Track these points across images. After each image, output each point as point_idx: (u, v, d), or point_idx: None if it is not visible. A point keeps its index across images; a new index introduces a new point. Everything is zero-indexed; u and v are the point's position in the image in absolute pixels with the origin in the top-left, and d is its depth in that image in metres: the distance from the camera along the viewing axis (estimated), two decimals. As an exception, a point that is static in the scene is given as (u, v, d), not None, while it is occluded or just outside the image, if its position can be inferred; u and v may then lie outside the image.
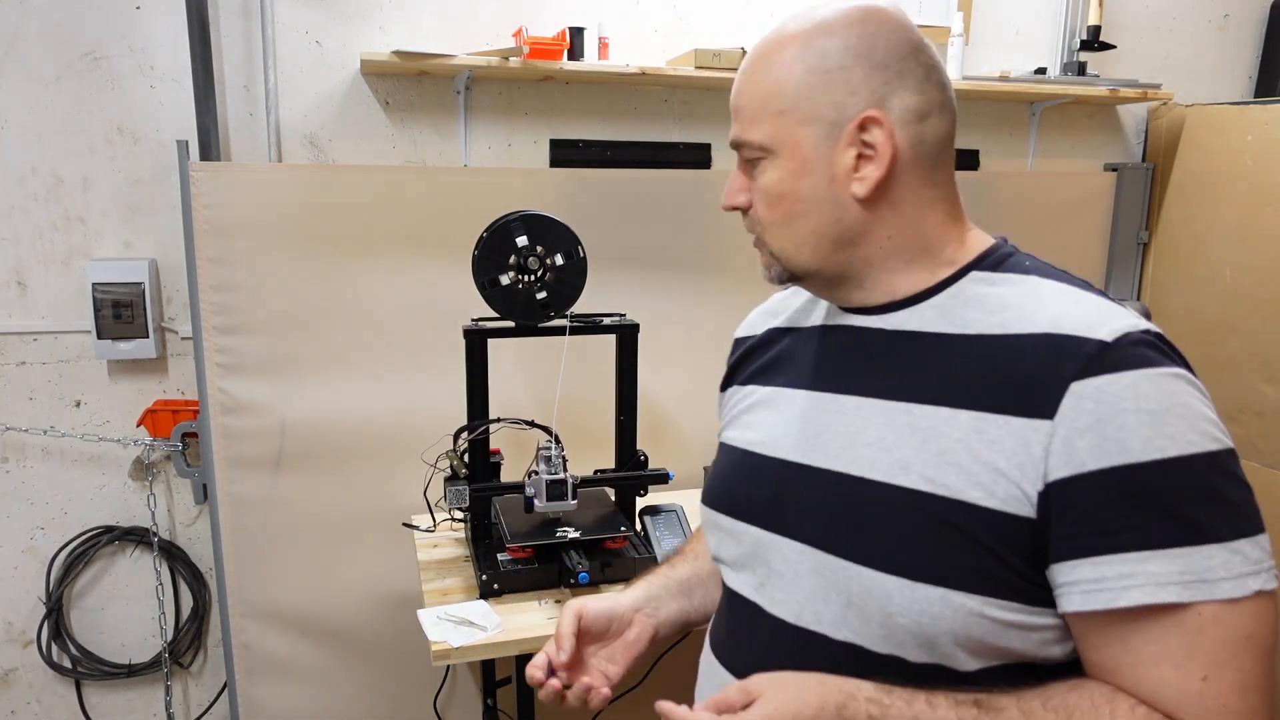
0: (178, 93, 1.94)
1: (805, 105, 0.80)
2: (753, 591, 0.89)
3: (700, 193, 2.22)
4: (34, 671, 2.09)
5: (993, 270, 0.83)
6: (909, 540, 0.76)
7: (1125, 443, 0.69)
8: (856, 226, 0.82)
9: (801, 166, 0.81)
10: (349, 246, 1.99)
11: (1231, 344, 2.41)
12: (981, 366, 0.77)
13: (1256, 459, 2.35)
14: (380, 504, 2.05)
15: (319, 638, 2.10)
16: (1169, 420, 0.69)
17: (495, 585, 1.60)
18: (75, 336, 1.98)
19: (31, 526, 2.04)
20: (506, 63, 1.93)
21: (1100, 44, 2.48)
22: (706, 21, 2.25)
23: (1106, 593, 0.69)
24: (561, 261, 1.66)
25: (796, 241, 0.84)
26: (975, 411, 0.76)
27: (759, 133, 0.83)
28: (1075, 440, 0.70)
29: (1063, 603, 0.72)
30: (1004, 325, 0.78)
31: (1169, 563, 0.67)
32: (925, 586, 0.74)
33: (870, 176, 0.80)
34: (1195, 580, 0.67)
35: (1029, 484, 0.72)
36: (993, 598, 0.73)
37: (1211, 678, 0.68)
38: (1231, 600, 0.67)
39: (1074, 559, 0.70)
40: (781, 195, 0.83)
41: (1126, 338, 0.72)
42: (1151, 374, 0.71)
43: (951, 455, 0.76)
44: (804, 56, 0.80)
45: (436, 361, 2.04)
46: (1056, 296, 0.78)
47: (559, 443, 1.65)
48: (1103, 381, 0.70)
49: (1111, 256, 2.68)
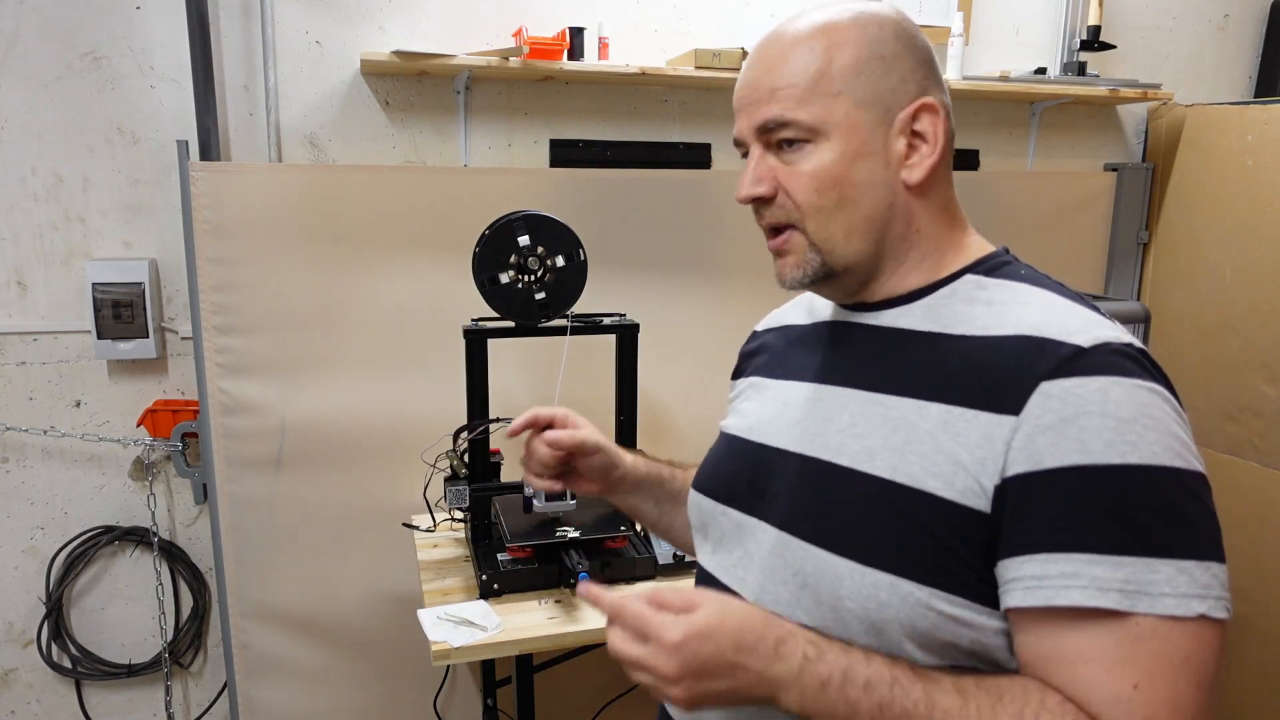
0: (178, 93, 1.94)
1: (863, 88, 0.80)
2: (724, 572, 0.91)
3: (700, 193, 2.22)
4: (34, 671, 2.09)
5: (987, 275, 0.84)
6: (865, 525, 0.77)
7: (1086, 444, 0.68)
8: (901, 215, 0.83)
9: (858, 149, 0.80)
10: (349, 246, 1.99)
11: (1231, 344, 2.41)
12: (958, 363, 0.78)
13: (1256, 459, 2.35)
14: (380, 504, 2.05)
15: (319, 638, 2.10)
16: (1135, 429, 0.68)
17: (495, 585, 1.60)
18: (75, 336, 1.98)
19: (31, 526, 2.04)
20: (506, 63, 1.93)
21: (1100, 44, 2.48)
22: (706, 21, 2.25)
23: (1047, 590, 0.68)
24: (562, 263, 1.66)
25: (847, 228, 0.82)
26: (945, 405, 0.76)
27: (808, 113, 0.80)
28: (1037, 437, 0.70)
29: (1005, 599, 0.72)
30: (986, 327, 0.79)
31: (1114, 569, 0.67)
32: (875, 572, 0.75)
33: (924, 164, 0.82)
34: (1137, 591, 0.66)
35: (987, 478, 0.72)
36: (941, 590, 0.73)
37: (1144, 687, 0.66)
38: (1172, 618, 0.66)
39: (1021, 555, 0.70)
40: (836, 179, 0.81)
41: (1105, 346, 0.72)
42: (1125, 383, 0.70)
43: (917, 445, 0.76)
44: (860, 40, 0.81)
45: (436, 361, 2.04)
46: (1044, 303, 0.79)
47: (559, 443, 1.65)
48: (1071, 383, 0.70)
49: (1111, 256, 2.68)
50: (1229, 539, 0.71)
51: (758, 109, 0.82)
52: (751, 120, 0.83)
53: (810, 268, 0.84)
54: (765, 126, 0.82)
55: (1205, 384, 2.46)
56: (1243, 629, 2.35)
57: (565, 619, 1.54)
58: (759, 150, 0.84)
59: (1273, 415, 2.31)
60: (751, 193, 0.84)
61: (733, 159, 2.34)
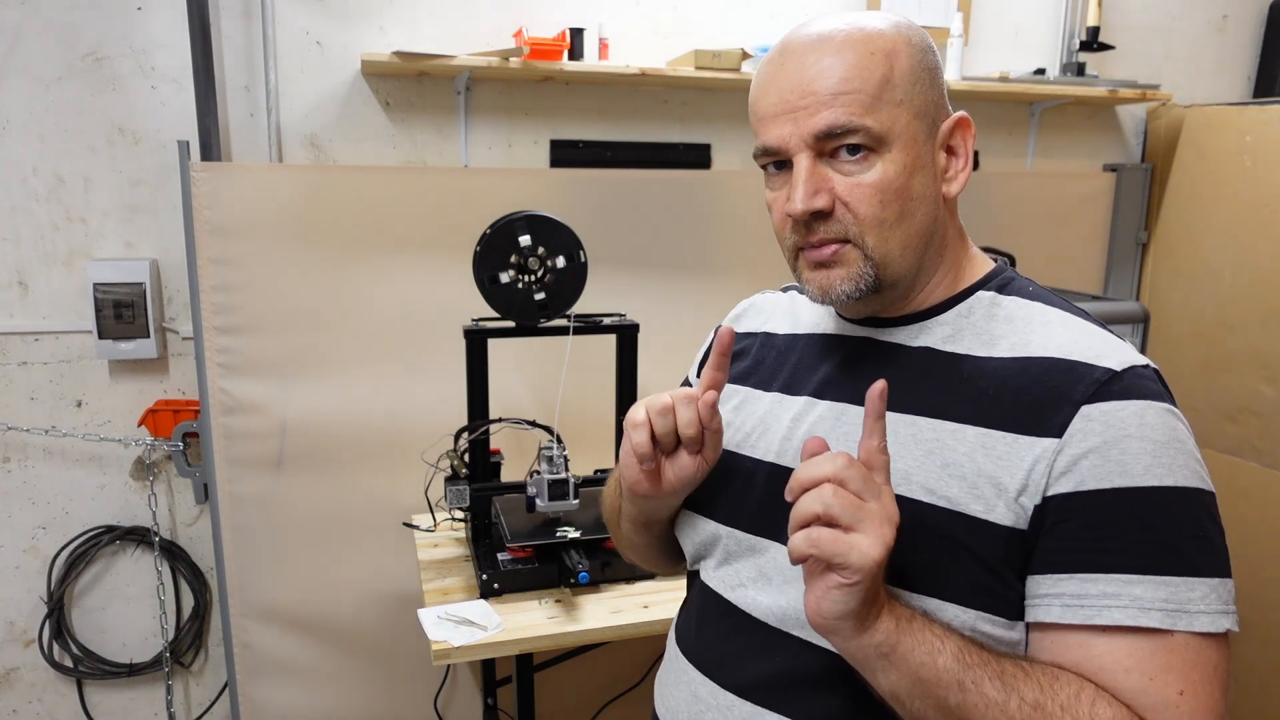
0: (178, 93, 1.94)
1: (918, 99, 0.79)
2: (727, 590, 0.88)
3: (700, 193, 2.23)
4: (35, 671, 2.10)
5: (1000, 293, 0.84)
6: (906, 551, 0.75)
7: (1127, 466, 0.70)
8: (940, 230, 0.83)
9: (915, 161, 0.79)
10: (349, 247, 1.99)
11: (1231, 344, 2.41)
12: (990, 385, 0.78)
13: (1256, 459, 2.35)
14: (380, 504, 2.05)
15: (319, 637, 2.11)
16: (1169, 452, 0.71)
17: (495, 585, 1.60)
18: (76, 336, 1.99)
19: (33, 526, 2.04)
20: (507, 63, 1.93)
21: (1099, 44, 2.48)
22: (706, 21, 2.25)
23: (1088, 609, 0.70)
24: (562, 264, 1.66)
25: (904, 242, 0.80)
26: (982, 428, 0.76)
27: (876, 120, 0.76)
28: (1080, 460, 0.71)
29: (1038, 613, 0.72)
30: (1013, 349, 0.79)
31: (1155, 589, 0.69)
32: (922, 598, 0.74)
33: (959, 177, 0.82)
34: (1177, 610, 0.68)
35: (1028, 498, 0.72)
36: (985, 612, 0.74)
37: (1188, 694, 0.68)
38: (1205, 634, 0.69)
39: (1060, 572, 0.71)
40: (899, 192, 0.78)
41: (1133, 370, 0.74)
42: (1156, 406, 0.73)
43: (955, 469, 0.76)
44: (911, 52, 0.79)
45: (437, 361, 2.05)
46: (1064, 324, 0.80)
47: (561, 442, 1.65)
48: (1111, 406, 0.72)
49: (1111, 256, 2.68)
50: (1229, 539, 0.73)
51: (813, 114, 0.77)
52: (805, 126, 0.77)
53: (865, 282, 0.80)
54: (829, 133, 0.76)
55: (1204, 384, 2.47)
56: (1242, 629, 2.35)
57: (565, 619, 1.54)
58: (809, 160, 0.78)
59: (1272, 415, 2.31)
60: (811, 205, 0.78)
61: (732, 159, 2.34)
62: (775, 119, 0.79)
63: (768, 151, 0.81)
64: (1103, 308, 2.17)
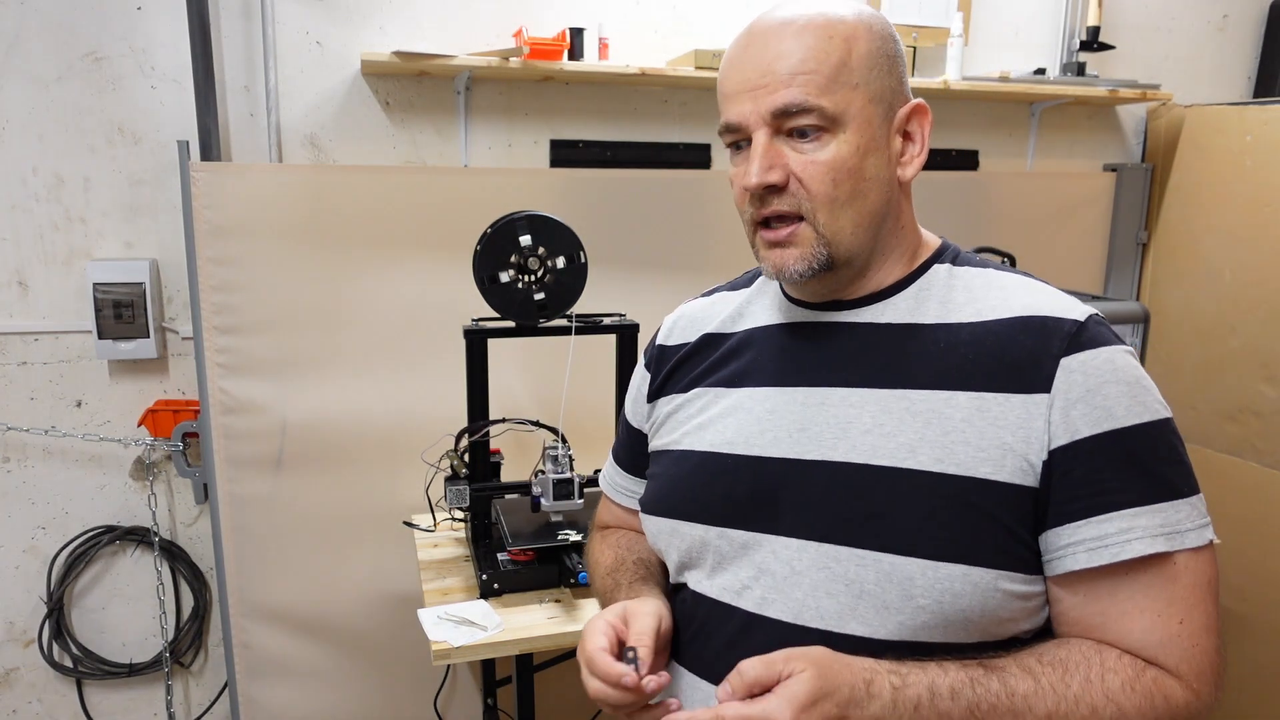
0: (178, 93, 1.94)
1: (876, 84, 0.82)
2: (732, 595, 0.86)
3: (700, 193, 2.23)
4: (35, 671, 2.10)
5: (953, 264, 0.88)
6: (926, 521, 0.78)
7: (1111, 409, 0.76)
8: (894, 211, 0.87)
9: (869, 143, 0.82)
10: (349, 247, 1.99)
11: (1231, 344, 2.41)
12: (968, 350, 0.81)
13: (1256, 459, 2.35)
14: (380, 504, 2.05)
15: (319, 637, 2.11)
16: (1138, 390, 0.78)
17: (495, 585, 1.60)
18: (76, 336, 1.98)
19: (32, 526, 2.04)
20: (507, 63, 1.93)
21: (1099, 44, 2.48)
22: (706, 21, 2.25)
23: (1111, 547, 0.75)
24: (562, 265, 1.66)
25: (855, 221, 0.83)
26: (973, 392, 0.80)
27: (831, 101, 0.79)
28: (1070, 410, 0.77)
29: (1065, 563, 0.77)
30: (979, 313, 0.83)
31: (1154, 517, 0.75)
32: (948, 565, 0.76)
33: (914, 162, 0.86)
34: (1173, 532, 0.75)
35: (1034, 454, 0.77)
36: (1007, 570, 0.77)
37: (1186, 620, 0.75)
38: (1196, 549, 0.76)
39: (1076, 520, 0.76)
40: (850, 171, 0.81)
41: (1092, 319, 0.81)
42: (1119, 350, 0.79)
43: (957, 434, 0.79)
44: (870, 38, 0.82)
45: (437, 361, 2.05)
46: (1019, 286, 0.85)
47: (565, 442, 1.65)
48: (1086, 356, 0.78)
49: (1111, 256, 2.68)
50: (1229, 539, 0.76)
51: (771, 93, 0.80)
52: (763, 104, 0.80)
53: (817, 260, 0.83)
54: (785, 110, 0.80)
55: (1205, 384, 2.47)
56: (1242, 628, 2.36)
57: (565, 619, 1.54)
58: (765, 136, 0.81)
59: (1272, 415, 2.31)
60: (765, 180, 0.81)
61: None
62: (737, 96, 0.83)
63: (729, 128, 0.85)
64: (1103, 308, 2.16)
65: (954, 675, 0.74)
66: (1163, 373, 2.55)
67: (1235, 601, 2.35)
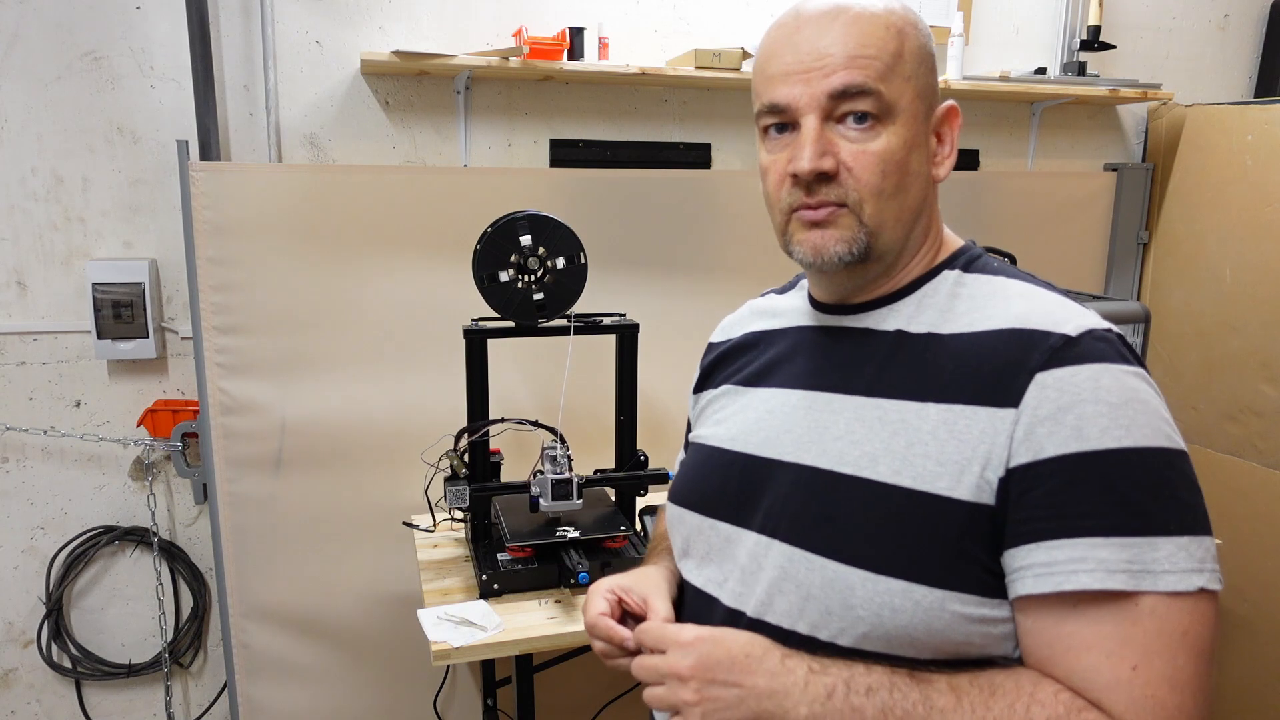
0: (178, 93, 1.94)
1: (922, 80, 0.82)
2: (715, 587, 0.89)
3: (700, 193, 2.22)
4: (34, 671, 2.10)
5: (964, 270, 0.86)
6: (873, 533, 0.77)
7: (1082, 430, 0.70)
8: (927, 209, 0.86)
9: (914, 138, 0.81)
10: (349, 246, 1.99)
11: (1231, 344, 2.41)
12: (950, 362, 0.79)
13: (1256, 459, 2.35)
14: (380, 504, 2.05)
15: (319, 638, 2.10)
16: (1126, 413, 0.71)
17: (495, 585, 1.60)
18: (75, 336, 1.98)
19: (31, 526, 2.04)
20: (506, 63, 1.93)
21: (1100, 44, 2.48)
22: (706, 21, 2.25)
23: (1056, 576, 0.70)
24: (562, 265, 1.66)
25: (897, 216, 0.82)
26: (944, 404, 0.77)
27: (889, 88, 0.78)
28: (1036, 427, 0.71)
29: (1014, 588, 0.73)
30: (972, 324, 0.80)
31: (1119, 551, 0.68)
32: (888, 579, 0.75)
33: (946, 163, 0.85)
34: (1141, 570, 0.68)
35: (992, 471, 0.73)
36: (955, 591, 0.73)
37: (1141, 667, 0.68)
38: (1173, 594, 0.68)
39: (1028, 543, 0.71)
40: (899, 164, 0.80)
41: (1090, 334, 0.74)
42: (1113, 369, 0.72)
43: (920, 447, 0.77)
44: (918, 35, 0.82)
45: (436, 361, 2.04)
46: (1022, 294, 0.81)
47: (564, 442, 1.65)
48: (1065, 372, 0.72)
49: (1111, 256, 2.68)
50: (1229, 539, 0.73)
51: (827, 75, 0.78)
52: (818, 86, 0.78)
53: (858, 246, 0.81)
54: (844, 92, 0.78)
55: (1205, 384, 2.46)
56: (1242, 629, 2.36)
57: (565, 619, 1.54)
58: (816, 121, 0.79)
59: (1273, 415, 2.31)
60: (819, 166, 0.78)
61: (732, 159, 2.34)
62: (786, 78, 0.80)
63: (774, 109, 0.81)
64: (1103, 308, 2.17)
65: (875, 676, 0.73)
66: (1163, 373, 2.55)
67: (1235, 602, 2.35)
